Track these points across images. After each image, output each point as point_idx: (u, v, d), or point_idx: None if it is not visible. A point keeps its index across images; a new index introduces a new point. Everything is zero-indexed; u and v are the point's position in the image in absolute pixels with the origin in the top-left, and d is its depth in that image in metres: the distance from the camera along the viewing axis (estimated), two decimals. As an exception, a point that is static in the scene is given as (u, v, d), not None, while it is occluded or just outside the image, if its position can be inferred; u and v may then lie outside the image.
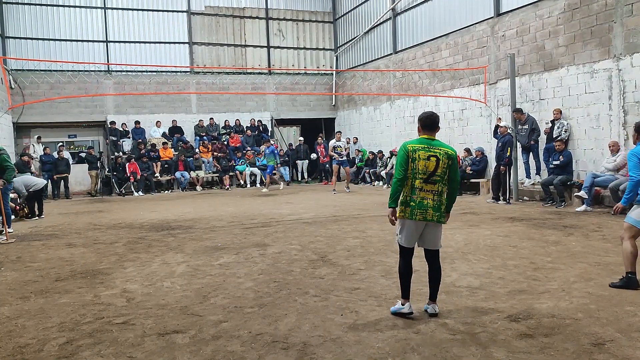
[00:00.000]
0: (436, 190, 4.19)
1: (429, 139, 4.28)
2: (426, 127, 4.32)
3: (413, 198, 4.17)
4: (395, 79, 19.09)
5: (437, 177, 4.17)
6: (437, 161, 4.15)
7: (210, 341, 3.90)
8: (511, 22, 13.64)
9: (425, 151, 4.18)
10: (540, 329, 3.92)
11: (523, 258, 6.28)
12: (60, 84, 18.70)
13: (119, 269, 6.39)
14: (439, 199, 4.21)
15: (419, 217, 4.17)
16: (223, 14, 22.09)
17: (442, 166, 4.17)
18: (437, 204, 4.20)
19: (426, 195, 4.17)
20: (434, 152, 4.18)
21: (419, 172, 4.16)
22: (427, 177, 4.16)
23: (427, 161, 4.15)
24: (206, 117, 21.24)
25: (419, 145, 4.23)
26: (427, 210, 4.16)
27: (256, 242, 7.91)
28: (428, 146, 4.21)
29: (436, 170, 4.15)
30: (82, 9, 20.12)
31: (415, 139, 4.31)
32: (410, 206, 4.19)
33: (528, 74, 13.09)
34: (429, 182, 4.17)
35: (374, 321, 4.22)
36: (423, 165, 4.14)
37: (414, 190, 4.17)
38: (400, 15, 18.85)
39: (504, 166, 11.78)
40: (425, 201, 4.17)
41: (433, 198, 4.19)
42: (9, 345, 3.95)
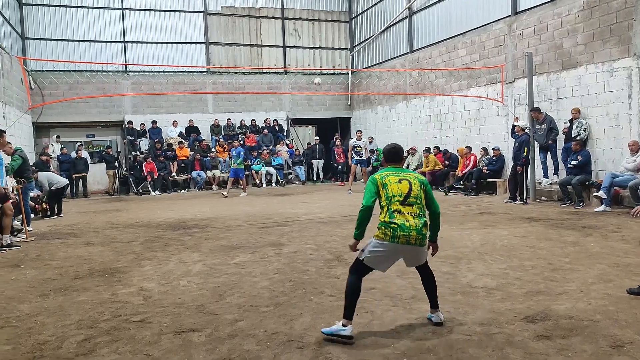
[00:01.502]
0: (415, 212, 3.96)
1: (396, 167, 4.22)
2: (390, 160, 4.27)
3: (394, 220, 3.91)
4: (411, 78, 19.01)
5: (413, 199, 3.98)
6: (409, 183, 4.02)
7: (226, 340, 3.92)
8: (529, 21, 13.50)
9: (395, 176, 4.07)
10: (557, 331, 3.88)
11: (540, 259, 6.22)
12: (78, 84, 18.95)
13: (136, 268, 6.46)
14: (420, 222, 3.94)
15: (402, 241, 3.87)
16: (239, 14, 22.20)
17: (416, 188, 4.01)
18: (419, 226, 3.92)
19: (407, 217, 3.92)
20: (404, 176, 4.08)
21: (394, 195, 3.98)
22: (403, 199, 3.96)
23: (399, 184, 4.01)
24: (222, 116, 21.37)
25: (387, 172, 4.13)
26: (411, 232, 3.87)
27: (272, 242, 7.94)
28: (397, 172, 4.12)
29: (410, 191, 3.99)
30: (100, 10, 20.38)
31: (383, 169, 4.23)
32: (392, 228, 3.90)
33: (546, 72, 12.95)
34: (407, 204, 3.96)
35: (390, 321, 4.21)
36: (397, 188, 3.99)
37: (393, 214, 3.93)
38: (416, 14, 18.77)
39: (520, 166, 11.67)
40: (408, 223, 3.90)
41: (414, 220, 3.92)
42: (28, 342, 4.02)
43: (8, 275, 6.34)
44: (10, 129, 13.50)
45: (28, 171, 10.32)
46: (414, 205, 3.97)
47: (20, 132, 16.59)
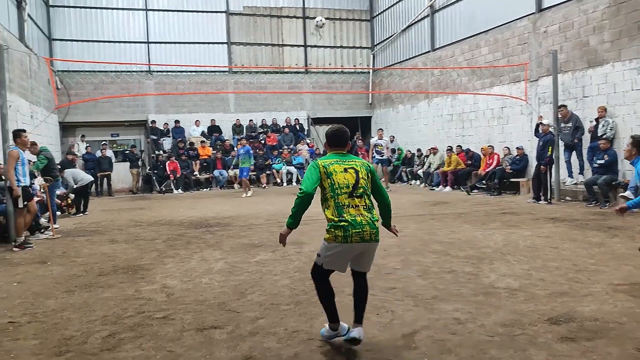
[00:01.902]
0: (365, 204, 3.62)
1: (340, 153, 3.81)
2: (333, 144, 3.87)
3: (344, 217, 3.55)
4: (433, 77, 18.87)
5: (362, 189, 3.63)
6: (356, 172, 3.65)
7: (247, 337, 3.95)
8: (554, 18, 13.29)
9: (340, 164, 3.68)
10: (582, 333, 3.81)
11: (565, 260, 6.12)
12: (103, 84, 19.26)
13: (159, 265, 6.54)
14: (371, 215, 3.62)
15: (356, 239, 3.53)
16: (261, 14, 22.31)
17: (363, 177, 3.66)
18: (371, 220, 3.59)
19: (358, 211, 3.57)
20: (350, 165, 3.69)
21: (340, 187, 3.60)
22: (351, 191, 3.60)
23: (345, 173, 3.64)
24: (244, 116, 21.51)
25: (331, 160, 3.73)
26: (364, 228, 3.53)
27: (292, 240, 7.94)
28: (341, 160, 3.72)
29: (358, 182, 3.63)
30: (125, 11, 20.68)
31: (326, 156, 3.83)
32: (342, 227, 3.53)
33: (571, 70, 12.73)
34: (355, 196, 3.61)
35: (411, 321, 4.19)
36: (342, 179, 3.61)
37: (342, 209, 3.57)
38: (438, 12, 18.62)
39: (544, 166, 11.50)
40: (359, 218, 3.55)
41: (366, 213, 3.59)
42: (55, 337, 4.10)
43: (35, 271, 6.49)
44: (37, 129, 13.81)
45: (54, 170, 10.56)
46: (363, 197, 3.63)
47: (47, 131, 16.93)
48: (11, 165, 7.89)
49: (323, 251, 3.69)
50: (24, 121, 13.62)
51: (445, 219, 9.73)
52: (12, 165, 7.89)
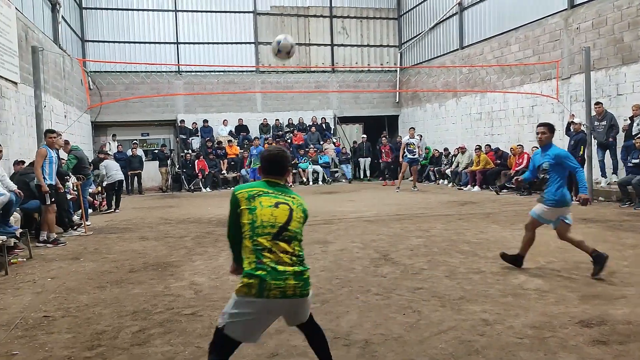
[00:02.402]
0: (293, 252, 2.84)
1: (275, 183, 3.05)
2: (267, 170, 3.10)
3: (262, 264, 2.74)
4: (461, 75, 18.65)
5: (291, 234, 2.86)
6: (290, 211, 2.90)
7: (274, 335, 3.98)
8: (586, 14, 12.99)
9: (271, 197, 2.92)
10: (614, 336, 3.73)
11: (597, 261, 5.98)
12: (134, 84, 19.61)
13: (187, 262, 6.64)
14: (300, 265, 2.85)
15: (275, 294, 2.72)
16: (288, 14, 22.38)
17: (297, 219, 2.92)
18: (299, 269, 2.81)
19: (281, 257, 2.78)
20: (285, 199, 2.95)
21: (263, 225, 2.82)
22: (277, 233, 2.82)
23: (275, 209, 2.87)
24: (270, 115, 21.63)
25: (259, 189, 2.96)
26: (287, 280, 2.74)
27: (318, 239, 7.98)
28: (274, 192, 2.96)
29: (289, 222, 2.87)
30: (155, 12, 21.01)
31: (252, 183, 3.08)
32: (258, 277, 2.71)
33: (604, 68, 12.43)
34: (282, 241, 2.82)
35: (437, 321, 4.16)
36: (269, 215, 2.84)
37: (261, 253, 2.77)
38: (467, 9, 18.39)
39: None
40: (282, 267, 2.75)
41: (292, 263, 2.80)
42: (87, 332, 4.20)
43: (69, 267, 6.66)
44: (71, 128, 14.14)
45: (86, 169, 10.83)
46: (292, 242, 2.86)
47: (80, 130, 17.33)
48: (38, 163, 8.16)
49: (229, 307, 2.81)
50: (58, 121, 13.98)
51: (473, 219, 9.62)
52: (39, 163, 8.16)
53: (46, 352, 3.79)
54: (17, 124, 10.97)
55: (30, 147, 11.06)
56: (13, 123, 10.75)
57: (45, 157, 8.22)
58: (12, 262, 6.82)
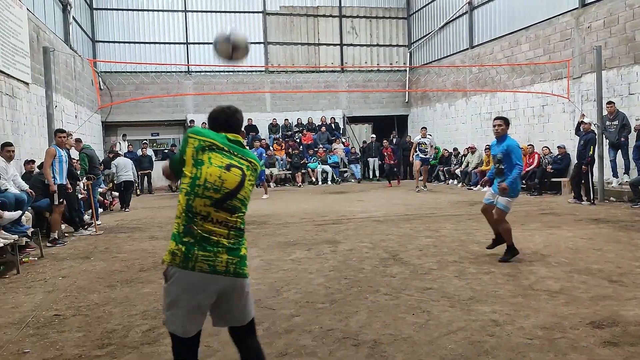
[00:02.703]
0: (234, 223, 2.48)
1: (237, 141, 2.63)
2: (222, 123, 2.71)
3: (191, 230, 2.41)
4: (471, 75, 18.57)
5: (238, 202, 2.50)
6: (242, 176, 2.51)
7: (283, 334, 3.99)
8: (598, 13, 12.88)
9: (224, 155, 2.51)
10: (626, 337, 3.69)
11: (608, 262, 5.93)
12: (144, 84, 19.71)
13: (197, 262, 6.65)
14: (238, 239, 2.50)
15: (202, 266, 2.38)
16: (297, 14, 22.40)
17: (247, 186, 2.55)
18: (235, 244, 2.48)
19: (215, 229, 2.43)
20: (240, 163, 2.54)
21: (206, 186, 2.43)
22: (219, 199, 2.44)
23: (225, 172, 2.46)
24: (280, 115, 21.66)
25: (214, 141, 2.53)
26: (219, 255, 2.41)
27: (328, 239, 7.98)
28: (230, 150, 2.55)
29: (238, 190, 2.49)
30: (165, 12, 21.12)
31: (211, 132, 2.63)
32: (185, 244, 2.40)
33: (616, 67, 12.32)
34: (223, 209, 2.45)
35: (447, 322, 4.15)
36: (217, 177, 2.44)
37: (194, 218, 2.41)
38: (477, 8, 18.30)
39: (586, 165, 11.17)
40: (214, 238, 2.42)
41: (228, 235, 2.46)
42: (97, 330, 4.23)
43: (79, 266, 6.71)
44: (81, 128, 14.25)
45: (96, 168, 10.91)
46: (235, 212, 2.49)
47: (91, 130, 17.45)
48: (47, 162, 8.25)
49: (163, 300, 2.49)
50: (69, 121, 14.09)
51: (483, 219, 9.53)
52: (48, 162, 8.24)
53: (57, 351, 3.83)
54: (28, 124, 11.07)
55: (41, 147, 11.15)
56: (24, 123, 10.85)
57: (55, 156, 8.29)
58: (23, 261, 6.89)
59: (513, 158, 6.06)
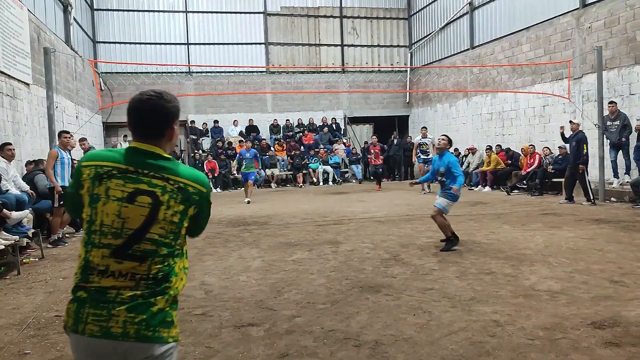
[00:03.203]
0: (144, 273, 1.81)
1: (148, 153, 1.88)
2: (132, 127, 1.91)
3: (86, 283, 1.84)
4: (472, 75, 18.57)
5: (151, 245, 1.81)
6: (153, 205, 1.81)
7: (284, 335, 3.98)
8: (598, 13, 12.88)
9: (128, 181, 1.82)
10: (627, 338, 3.69)
11: (609, 262, 5.93)
12: (145, 85, 19.67)
13: (198, 262, 6.66)
14: (149, 291, 1.82)
15: (92, 329, 1.78)
16: (298, 14, 22.41)
17: (166, 218, 1.83)
18: (146, 297, 1.81)
19: (117, 283, 1.80)
20: (150, 186, 1.83)
21: (102, 230, 1.82)
22: (121, 246, 1.80)
23: (126, 205, 1.80)
24: (281, 116, 21.68)
25: (114, 164, 1.85)
26: (114, 310, 1.77)
27: (329, 240, 7.98)
28: (138, 169, 1.84)
29: (148, 226, 1.81)
30: (165, 13, 21.14)
31: (109, 153, 1.90)
32: (77, 299, 1.83)
33: (617, 67, 12.31)
34: (128, 258, 1.80)
35: (448, 322, 4.14)
36: (114, 215, 1.80)
37: (89, 274, 1.83)
38: (477, 9, 18.30)
39: (583, 164, 11.17)
40: (112, 293, 1.79)
41: (132, 287, 1.80)
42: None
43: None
44: (82, 129, 14.25)
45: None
46: (146, 260, 1.81)
47: (92, 131, 17.46)
48: (49, 164, 8.23)
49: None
50: (70, 121, 14.11)
51: (484, 220, 9.57)
52: (50, 164, 8.22)
53: (57, 352, 3.83)
54: (29, 125, 11.08)
55: (42, 148, 11.17)
56: (25, 124, 10.86)
57: (57, 158, 8.29)
58: (24, 262, 6.89)
59: (454, 171, 6.95)
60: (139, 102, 1.90)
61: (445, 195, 7.07)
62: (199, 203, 1.94)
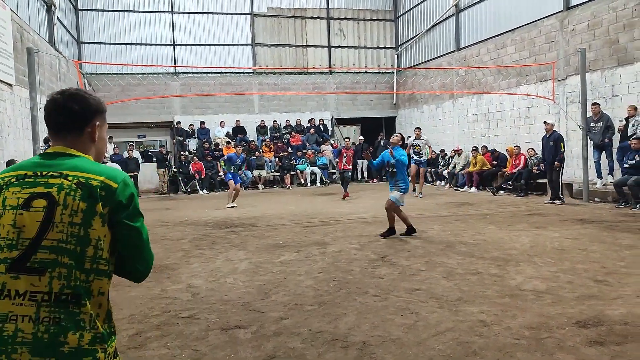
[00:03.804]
0: (46, 291, 1.50)
1: (53, 154, 1.67)
2: (51, 126, 1.70)
3: None
4: (458, 77, 18.70)
5: (45, 255, 1.52)
6: (48, 209, 1.54)
7: (272, 337, 3.98)
8: (582, 16, 13.04)
9: (24, 186, 1.58)
10: (611, 337, 3.73)
11: (593, 262, 6.00)
12: (130, 86, 19.58)
13: (184, 265, 6.62)
14: (58, 317, 1.49)
15: None
16: (285, 15, 22.41)
17: (67, 221, 1.54)
18: (48, 331, 1.48)
19: (14, 308, 1.49)
20: (46, 187, 1.57)
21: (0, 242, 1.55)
22: (17, 258, 1.52)
23: (22, 212, 1.55)
24: (268, 117, 21.64)
25: (15, 173, 1.63)
26: (15, 353, 1.45)
27: (316, 241, 7.98)
28: (35, 174, 1.60)
29: (44, 232, 1.53)
30: (151, 13, 21.01)
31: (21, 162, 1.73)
32: None
33: (600, 69, 12.47)
34: (27, 271, 1.51)
35: (435, 323, 4.16)
36: (10, 225, 1.55)
37: None
38: (463, 11, 18.44)
39: (559, 162, 11.35)
40: (11, 326, 1.47)
41: (36, 317, 1.48)
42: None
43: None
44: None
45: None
46: (44, 272, 1.51)
47: (76, 132, 17.28)
48: None
49: None
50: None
51: (470, 220, 9.64)
52: None
53: None
54: (12, 126, 10.94)
55: (25, 150, 11.04)
56: (8, 125, 10.72)
57: None
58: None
59: (403, 166, 8.00)
60: (50, 101, 1.69)
61: (397, 188, 7.91)
62: (110, 201, 1.59)
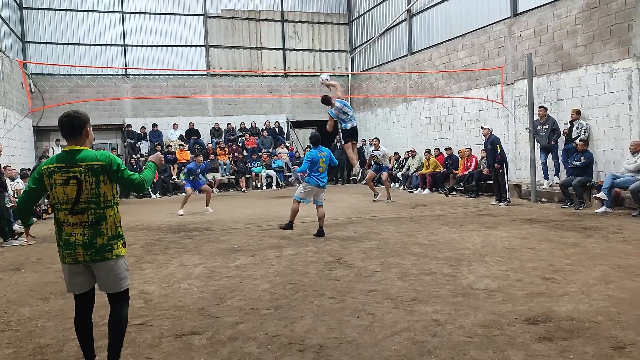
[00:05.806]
0: (86, 221, 3.22)
1: (71, 151, 3.27)
2: (64, 135, 3.35)
3: (62, 236, 3.24)
4: (411, 80, 19.03)
5: (84, 205, 3.20)
6: (78, 184, 3.18)
7: (227, 342, 3.92)
8: (528, 22, 13.52)
9: (63, 172, 3.19)
10: (559, 332, 3.87)
11: (541, 260, 6.21)
12: (79, 87, 18.98)
13: (136, 271, 6.44)
14: (93, 232, 3.23)
15: (69, 260, 3.24)
16: (239, 17, 22.25)
17: (89, 188, 3.19)
18: (89, 238, 3.21)
19: (73, 230, 3.21)
20: (74, 173, 3.18)
21: (60, 201, 3.21)
22: (71, 207, 3.20)
23: (66, 186, 3.18)
24: (222, 119, 21.41)
25: (56, 165, 3.22)
26: (76, 249, 3.21)
27: (272, 244, 7.93)
28: (66, 165, 3.20)
29: (80, 195, 3.18)
30: (100, 13, 20.42)
31: (55, 156, 3.32)
32: (60, 247, 3.26)
33: (546, 74, 12.96)
34: (75, 213, 3.20)
35: (390, 323, 4.20)
36: (62, 193, 3.18)
37: (61, 227, 3.25)
38: (416, 16, 18.79)
39: (499, 164, 11.73)
40: (73, 238, 3.21)
41: (83, 232, 3.21)
42: (29, 346, 4.01)
43: (9, 278, 6.34)
44: (11, 133, 13.51)
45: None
46: (85, 213, 3.21)
47: (21, 135, 16.60)
48: None
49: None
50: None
51: (424, 221, 9.80)
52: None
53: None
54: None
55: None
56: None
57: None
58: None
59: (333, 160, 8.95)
60: (60, 121, 3.35)
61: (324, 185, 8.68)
62: (105, 171, 3.24)
